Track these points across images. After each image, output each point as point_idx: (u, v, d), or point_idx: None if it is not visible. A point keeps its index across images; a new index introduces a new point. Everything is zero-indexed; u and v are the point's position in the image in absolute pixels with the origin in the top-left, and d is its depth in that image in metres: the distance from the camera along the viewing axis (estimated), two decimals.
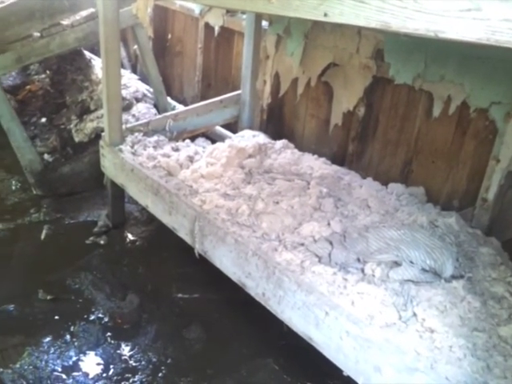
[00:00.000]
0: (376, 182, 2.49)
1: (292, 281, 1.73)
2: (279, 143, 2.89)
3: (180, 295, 2.47)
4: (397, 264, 1.84)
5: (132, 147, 2.79)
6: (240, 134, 3.15)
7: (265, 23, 3.08)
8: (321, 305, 1.62)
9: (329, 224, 2.09)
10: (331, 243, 1.96)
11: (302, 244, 1.97)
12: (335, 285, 1.75)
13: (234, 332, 2.28)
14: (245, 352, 2.17)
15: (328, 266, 1.85)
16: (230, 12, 3.44)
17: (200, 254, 2.20)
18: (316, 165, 2.65)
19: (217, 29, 3.57)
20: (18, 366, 2.01)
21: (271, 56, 3.14)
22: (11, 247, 2.80)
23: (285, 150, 2.84)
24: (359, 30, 2.55)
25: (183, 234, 2.30)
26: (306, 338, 1.71)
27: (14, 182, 3.39)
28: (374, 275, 1.81)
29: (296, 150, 2.85)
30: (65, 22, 3.23)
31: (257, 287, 1.89)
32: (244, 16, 3.19)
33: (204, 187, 2.41)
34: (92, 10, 3.27)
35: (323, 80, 2.85)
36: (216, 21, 3.56)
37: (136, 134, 2.89)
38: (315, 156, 2.77)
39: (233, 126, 3.39)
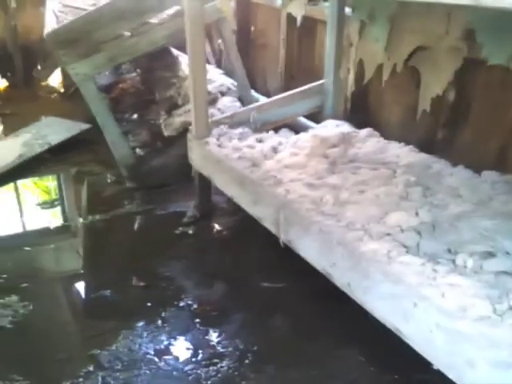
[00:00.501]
0: (468, 170, 2.36)
1: (378, 271, 1.70)
2: (364, 132, 2.83)
3: (265, 284, 2.50)
4: (491, 255, 1.75)
5: (218, 139, 2.86)
6: (323, 123, 3.13)
7: (348, 10, 3.02)
8: (409, 296, 1.58)
9: (417, 214, 2.02)
10: (419, 233, 1.89)
11: (389, 234, 1.92)
12: (424, 276, 1.69)
13: (319, 321, 2.27)
14: (329, 342, 2.15)
15: (416, 257, 1.79)
16: (312, 1, 3.41)
17: (285, 244, 2.22)
18: (403, 153, 2.56)
19: (299, 19, 3.55)
20: (113, 348, 2.13)
21: (355, 43, 3.08)
22: (107, 237, 2.99)
23: (370, 138, 2.78)
24: (448, 10, 2.43)
25: (268, 223, 2.33)
26: (392, 329, 1.67)
27: (109, 176, 3.61)
28: (465, 266, 1.72)
29: (381, 139, 2.78)
30: (153, 21, 3.36)
31: (342, 277, 1.88)
32: (326, 4, 3.14)
33: (288, 177, 2.42)
34: (178, 7, 3.37)
35: (410, 65, 2.75)
36: (298, 11, 3.54)
37: (221, 126, 2.95)
38: (402, 144, 2.68)
39: (316, 117, 3.36)
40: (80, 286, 2.59)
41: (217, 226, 3.01)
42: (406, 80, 2.82)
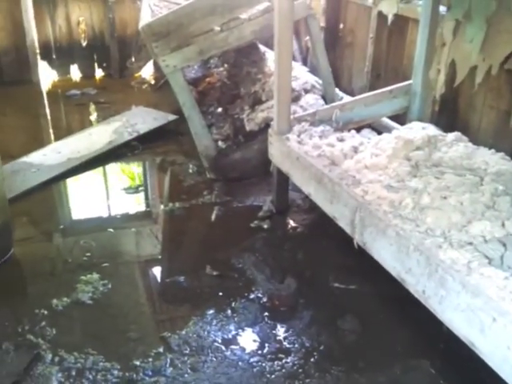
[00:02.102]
0: None
1: (456, 281, 1.62)
2: (451, 136, 2.71)
3: (336, 285, 2.48)
4: None
5: (298, 136, 2.86)
6: (408, 125, 3.03)
7: (442, 8, 2.90)
8: (488, 309, 1.50)
9: (503, 224, 1.91)
10: (505, 245, 1.79)
11: (471, 243, 1.84)
12: (506, 290, 1.59)
13: (389, 328, 2.22)
14: (399, 349, 2.10)
15: (499, 270, 1.69)
16: None
17: (359, 245, 2.18)
18: (492, 160, 2.43)
19: (390, 17, 3.46)
20: (183, 333, 2.20)
21: (448, 43, 2.95)
22: (185, 224, 3.10)
23: (457, 143, 2.65)
24: None
25: (343, 223, 2.30)
26: (467, 343, 1.60)
27: (191, 166, 3.72)
28: None
29: (470, 144, 2.65)
30: (242, 16, 3.41)
31: (417, 284, 1.82)
32: (420, 2, 3.04)
33: (367, 178, 2.37)
34: (267, 3, 3.40)
35: (506, 68, 2.60)
36: (390, 9, 3.46)
37: (303, 123, 2.95)
38: (492, 151, 2.54)
39: (401, 118, 3.27)
40: (156, 270, 2.70)
41: (292, 222, 3.02)
42: (502, 84, 2.66)
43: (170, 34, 3.22)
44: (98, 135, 4.01)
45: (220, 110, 4.15)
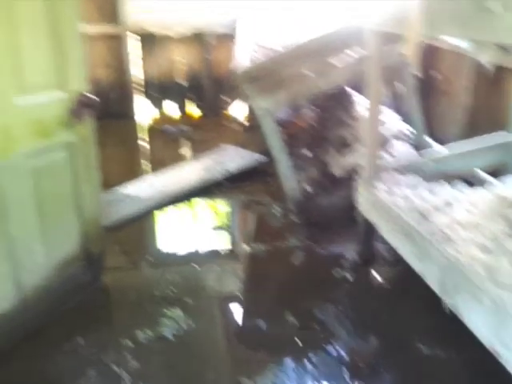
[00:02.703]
0: None
1: None
2: None
3: (423, 348, 2.34)
4: None
5: (387, 186, 2.81)
6: (505, 180, 2.89)
7: None
8: None
9: None
10: None
11: None
12: None
13: None
14: None
15: None
16: (505, 49, 3.21)
17: (449, 309, 2.08)
18: None
19: (488, 67, 3.36)
20: (259, 378, 2.18)
21: None
22: (268, 267, 3.11)
23: None
24: None
25: (433, 283, 2.21)
26: None
27: (276, 208, 3.75)
28: None
29: None
30: (335, 62, 3.46)
31: None
32: None
33: (460, 236, 2.28)
34: (360, 50, 3.43)
35: None
36: (488, 58, 3.36)
37: (392, 172, 2.90)
38: None
39: (497, 171, 3.13)
40: (237, 311, 2.72)
41: (377, 275, 2.94)
42: None
43: (264, 79, 3.34)
44: (189, 171, 4.18)
45: (308, 152, 4.18)
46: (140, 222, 3.61)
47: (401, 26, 2.20)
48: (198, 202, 3.94)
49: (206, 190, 4.01)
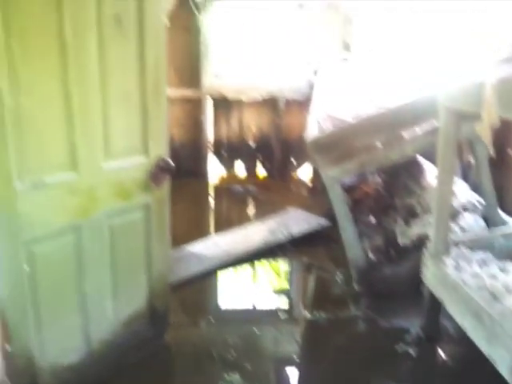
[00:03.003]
0: None
1: None
2: None
3: None
4: None
5: (456, 261, 2.74)
6: None
7: None
8: None
9: None
10: None
11: None
12: None
13: None
14: None
15: None
16: None
17: None
18: None
19: None
20: None
21: None
22: (328, 336, 3.05)
23: None
24: None
25: (503, 368, 2.10)
26: None
27: (338, 275, 3.73)
28: None
29: None
30: (405, 135, 3.49)
31: None
32: None
33: None
34: (433, 122, 3.43)
35: None
36: None
37: (462, 247, 2.83)
38: None
39: None
40: (293, 380, 2.68)
41: (442, 354, 2.82)
42: None
43: (333, 149, 3.41)
44: (254, 233, 4.26)
45: (373, 220, 4.16)
46: (204, 281, 3.69)
47: (476, 105, 2.21)
48: (260, 263, 3.98)
49: (270, 251, 4.05)
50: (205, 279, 3.70)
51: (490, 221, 3.62)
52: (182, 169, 6.07)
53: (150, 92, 2.35)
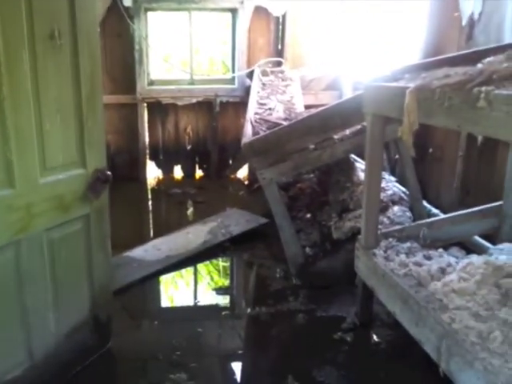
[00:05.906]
0: None
1: None
2: None
3: None
4: None
5: (385, 252, 2.92)
6: (499, 246, 3.01)
7: None
8: None
9: None
10: None
11: None
12: None
13: None
14: None
15: None
16: None
17: (444, 374, 2.15)
18: None
19: (480, 138, 3.55)
20: None
21: None
22: (270, 330, 3.17)
23: None
24: None
25: (428, 348, 2.29)
26: None
27: (278, 270, 3.87)
28: None
29: None
30: (336, 136, 3.67)
31: None
32: None
33: (454, 303, 2.37)
34: (359, 126, 3.64)
35: None
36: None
37: (390, 239, 3.02)
38: None
39: (492, 235, 3.25)
40: (240, 374, 2.78)
41: (375, 338, 3.02)
42: None
43: (268, 151, 3.53)
44: (195, 234, 4.32)
45: (309, 215, 4.33)
46: (146, 285, 3.70)
47: (398, 111, 2.37)
48: (202, 265, 4.05)
49: (210, 252, 4.13)
50: (146, 283, 3.72)
51: (415, 212, 3.88)
52: (118, 174, 6.06)
53: (86, 103, 2.35)
